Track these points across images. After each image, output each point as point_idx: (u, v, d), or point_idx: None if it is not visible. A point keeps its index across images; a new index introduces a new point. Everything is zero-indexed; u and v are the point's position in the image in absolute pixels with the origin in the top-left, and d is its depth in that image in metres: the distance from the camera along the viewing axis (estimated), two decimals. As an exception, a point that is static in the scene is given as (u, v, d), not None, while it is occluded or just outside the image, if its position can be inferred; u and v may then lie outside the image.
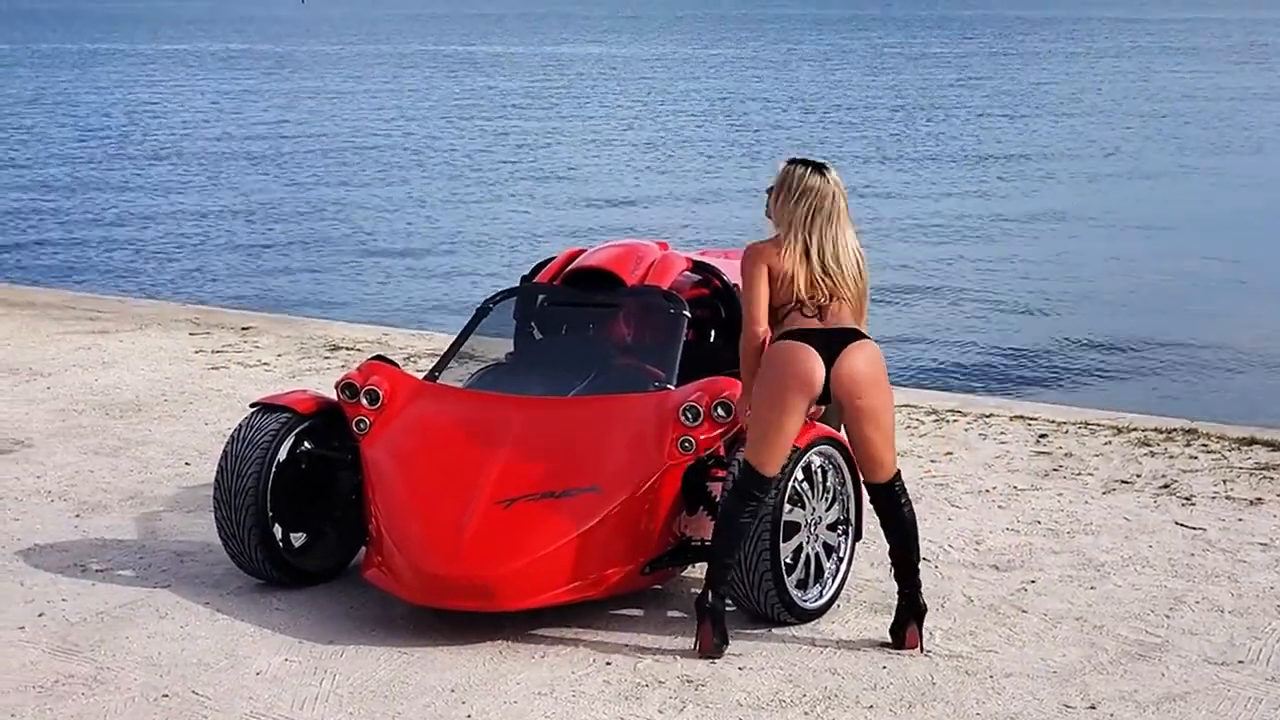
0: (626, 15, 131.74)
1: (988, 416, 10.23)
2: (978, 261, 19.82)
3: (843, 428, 6.68)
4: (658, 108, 44.15)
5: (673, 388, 7.15)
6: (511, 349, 8.00)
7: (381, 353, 11.69)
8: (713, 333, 8.09)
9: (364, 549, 7.09)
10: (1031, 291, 17.84)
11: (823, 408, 6.59)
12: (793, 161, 6.55)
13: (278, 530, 7.15)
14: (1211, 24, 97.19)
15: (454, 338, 8.03)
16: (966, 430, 9.88)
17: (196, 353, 12.23)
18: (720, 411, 6.77)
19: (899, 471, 6.56)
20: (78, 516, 8.21)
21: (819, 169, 6.50)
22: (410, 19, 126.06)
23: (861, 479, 6.70)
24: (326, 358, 12.05)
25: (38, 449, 9.43)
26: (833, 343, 6.37)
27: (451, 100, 47.46)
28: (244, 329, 13.33)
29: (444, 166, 30.98)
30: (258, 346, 12.49)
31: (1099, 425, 9.99)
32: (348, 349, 12.39)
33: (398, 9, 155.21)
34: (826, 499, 6.86)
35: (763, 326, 6.43)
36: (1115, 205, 24.79)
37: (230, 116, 42.28)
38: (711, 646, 6.42)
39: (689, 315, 7.53)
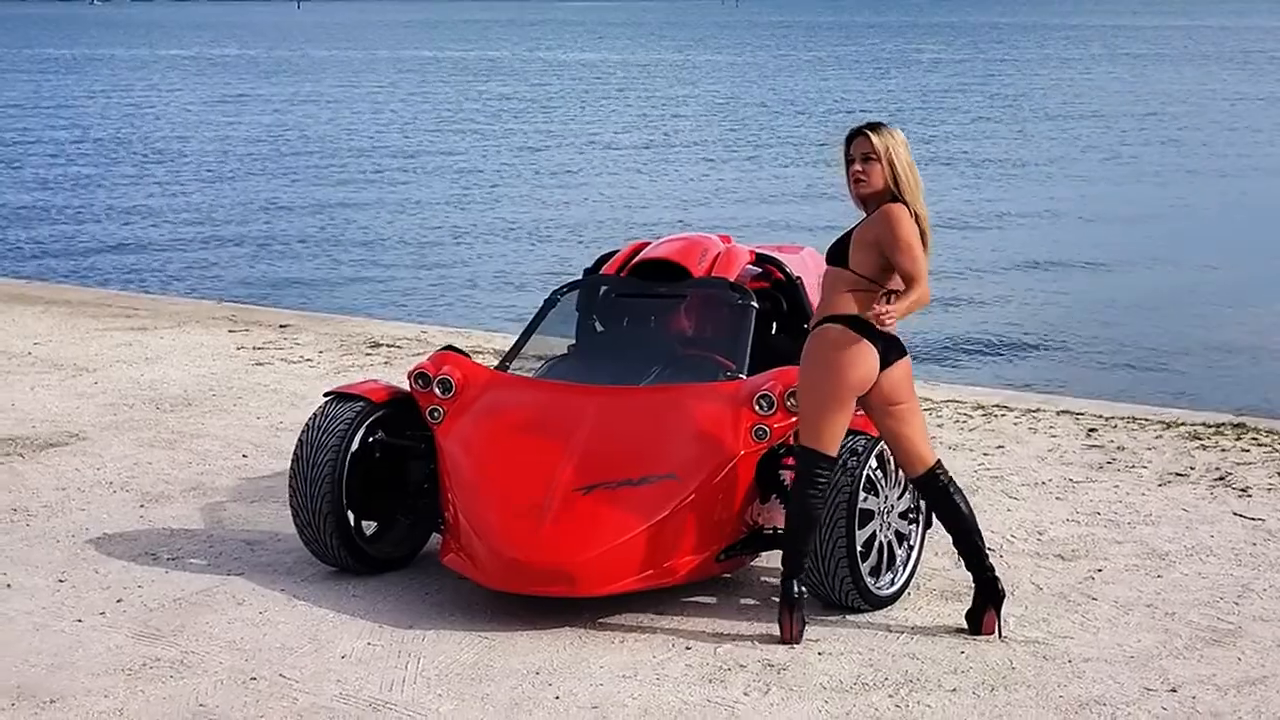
0: (618, 23, 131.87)
1: (1034, 411, 10.30)
2: (997, 262, 19.91)
3: None
4: (666, 111, 44.24)
5: (745, 377, 7.22)
6: (573, 342, 8.07)
7: (421, 350, 11.83)
8: (775, 325, 8.14)
9: (438, 536, 7.16)
10: (1060, 291, 17.96)
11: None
12: (883, 125, 6.47)
13: (351, 518, 7.21)
14: (1204, 31, 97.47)
15: (516, 331, 8.10)
16: (1015, 424, 9.95)
17: (238, 349, 12.30)
18: (793, 400, 6.83)
19: (939, 461, 6.62)
20: (142, 507, 8.27)
21: None
22: (404, 26, 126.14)
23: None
24: (368, 354, 12.11)
25: (93, 441, 9.48)
26: (886, 349, 6.44)
27: (455, 104, 47.53)
28: (282, 326, 13.41)
29: (447, 169, 31.09)
30: (298, 343, 12.55)
31: (1146, 420, 10.07)
32: (389, 345, 12.46)
33: (388, 15, 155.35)
34: (899, 487, 6.93)
35: None
36: (1139, 204, 24.95)
37: (231, 120, 42.38)
38: (796, 635, 6.48)
39: (757, 306, 7.60)
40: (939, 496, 6.61)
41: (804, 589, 6.57)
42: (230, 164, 32.20)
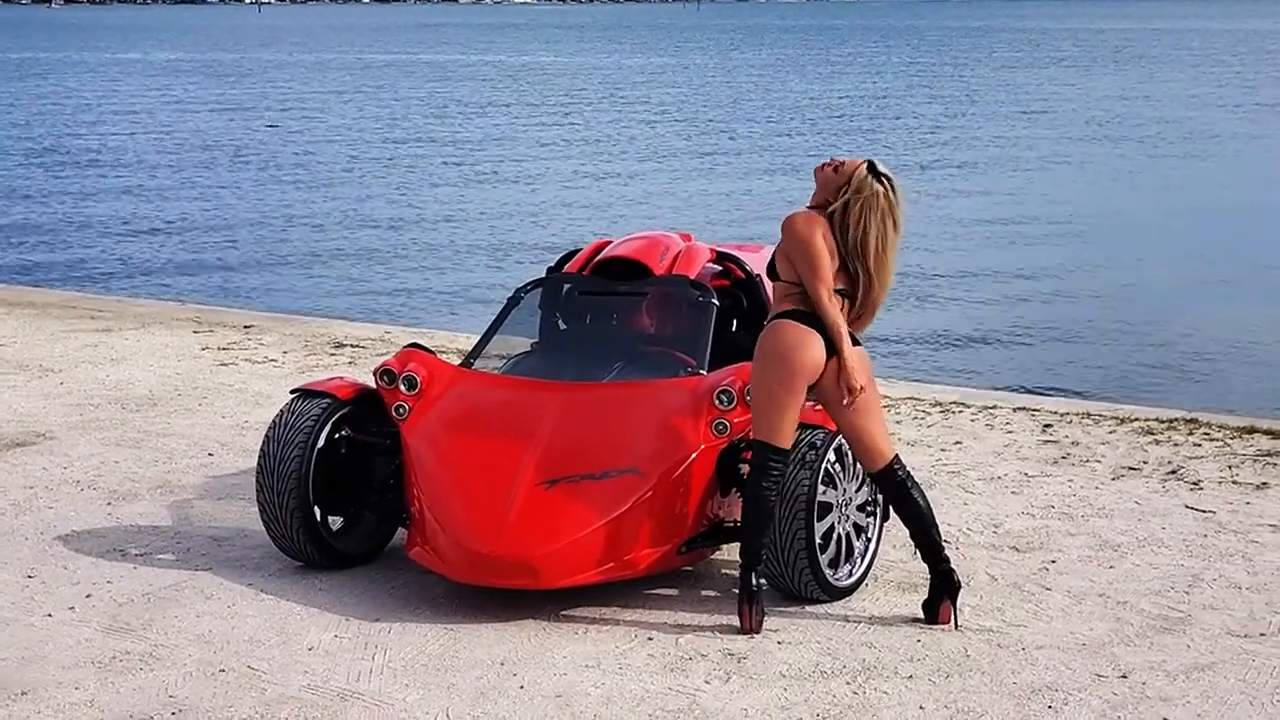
0: (578, 26, 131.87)
1: (991, 408, 10.46)
2: (953, 262, 20.07)
3: None
4: (623, 114, 44.36)
5: (705, 373, 7.35)
6: (536, 339, 8.17)
7: (385, 350, 11.91)
8: (735, 322, 8.26)
9: (404, 530, 7.26)
10: (1015, 291, 18.15)
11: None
12: (887, 178, 6.62)
13: (317, 513, 7.30)
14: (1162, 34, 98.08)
15: (477, 331, 8.20)
16: (972, 421, 10.11)
17: (203, 350, 12.37)
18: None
19: (897, 455, 6.75)
20: (109, 505, 8.34)
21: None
22: (362, 29, 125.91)
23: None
24: (332, 354, 12.20)
25: (60, 441, 9.55)
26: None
27: (407, 106, 47.56)
28: (246, 328, 13.48)
29: (400, 171, 31.16)
30: (262, 344, 12.63)
31: (1101, 416, 10.24)
32: (352, 346, 12.55)
33: (348, 19, 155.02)
34: (856, 480, 7.06)
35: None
36: (1090, 205, 25.15)
37: (185, 123, 42.36)
38: (755, 625, 6.61)
39: (717, 303, 7.73)
40: (897, 491, 6.74)
41: (762, 580, 6.69)
42: (184, 167, 32.18)
